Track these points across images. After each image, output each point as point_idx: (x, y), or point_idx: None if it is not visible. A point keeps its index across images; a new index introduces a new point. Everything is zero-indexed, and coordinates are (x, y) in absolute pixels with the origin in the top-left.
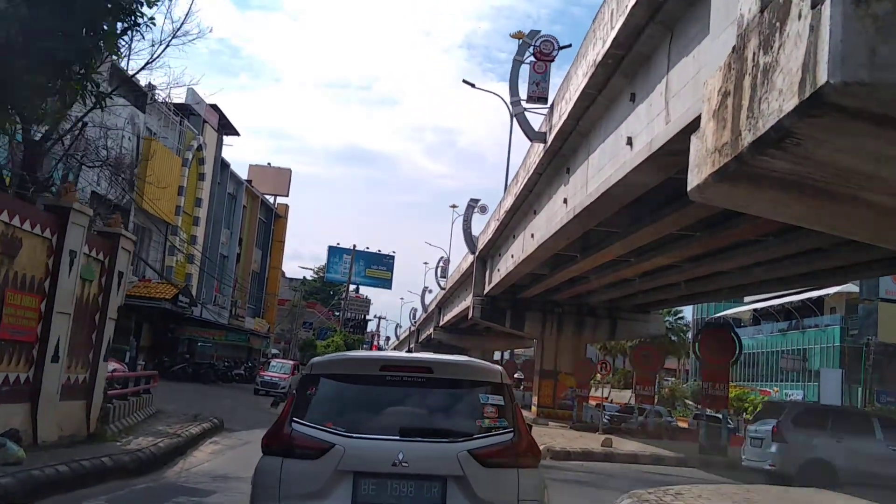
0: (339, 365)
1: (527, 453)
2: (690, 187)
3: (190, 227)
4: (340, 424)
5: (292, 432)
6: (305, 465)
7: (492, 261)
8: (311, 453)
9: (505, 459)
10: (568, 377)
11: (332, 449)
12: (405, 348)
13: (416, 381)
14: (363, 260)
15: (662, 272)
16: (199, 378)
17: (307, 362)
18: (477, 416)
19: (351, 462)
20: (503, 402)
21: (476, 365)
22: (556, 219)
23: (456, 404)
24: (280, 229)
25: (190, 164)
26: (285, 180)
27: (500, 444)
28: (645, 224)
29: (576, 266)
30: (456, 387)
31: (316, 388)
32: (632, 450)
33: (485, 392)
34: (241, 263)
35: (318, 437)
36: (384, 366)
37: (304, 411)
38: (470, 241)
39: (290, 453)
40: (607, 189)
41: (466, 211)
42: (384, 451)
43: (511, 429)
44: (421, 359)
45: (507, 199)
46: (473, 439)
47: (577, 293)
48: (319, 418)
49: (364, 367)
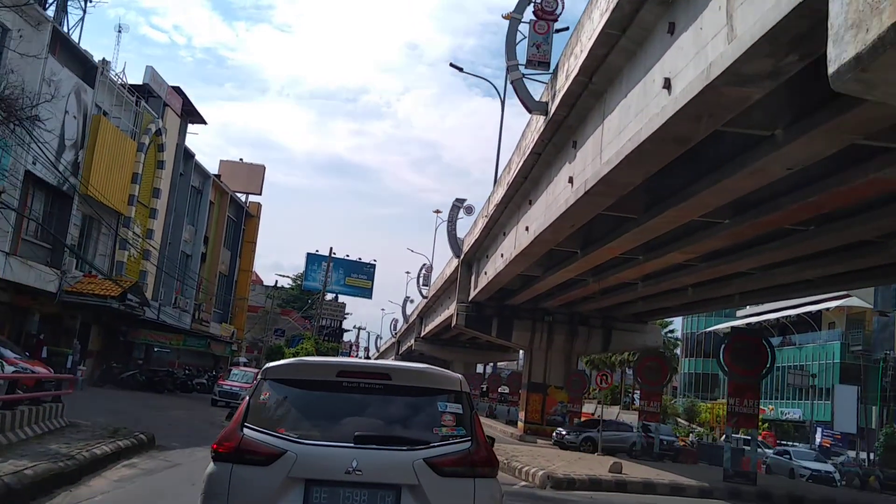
0: (294, 370)
1: (484, 463)
2: (839, 64)
3: (146, 219)
4: (293, 430)
5: (242, 438)
6: (256, 472)
7: (478, 264)
8: (262, 459)
9: (461, 468)
10: (558, 391)
11: (284, 455)
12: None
13: (374, 388)
14: (343, 268)
15: (671, 274)
16: (152, 387)
17: None
18: (434, 425)
19: (302, 469)
20: (461, 411)
21: (435, 373)
22: (558, 203)
23: (414, 412)
24: (252, 229)
25: (147, 150)
26: (258, 177)
27: (456, 453)
28: (667, 206)
29: (574, 265)
30: (414, 394)
31: (269, 393)
32: (646, 477)
33: (443, 400)
34: (207, 264)
35: (269, 442)
36: (341, 371)
37: (256, 417)
38: (454, 244)
39: (240, 459)
40: (633, 149)
41: (451, 211)
42: (337, 459)
43: (469, 437)
44: (379, 365)
45: (496, 192)
46: (430, 448)
47: (570, 299)
48: (271, 424)
49: (320, 373)
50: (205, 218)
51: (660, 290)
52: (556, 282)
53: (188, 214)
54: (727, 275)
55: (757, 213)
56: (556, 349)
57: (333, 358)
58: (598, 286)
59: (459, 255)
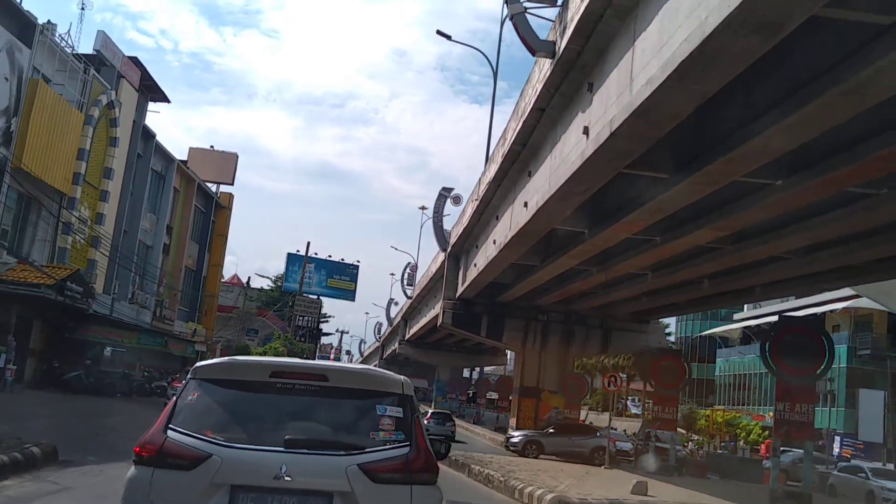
0: (226, 369)
1: (422, 469)
2: None
3: (95, 202)
4: (220, 433)
5: (166, 440)
6: (178, 477)
7: (466, 257)
8: (185, 464)
9: (397, 475)
10: (553, 396)
11: (209, 459)
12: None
13: (310, 390)
14: (325, 269)
15: (689, 262)
16: (102, 390)
17: None
18: (372, 429)
19: (228, 474)
20: (402, 415)
21: (376, 374)
22: (569, 162)
23: (351, 415)
24: (222, 221)
25: (96, 124)
26: (230, 166)
27: (393, 459)
28: (713, 156)
29: (578, 249)
30: (352, 397)
31: (198, 393)
32: (679, 499)
33: (384, 403)
34: (171, 257)
35: (193, 445)
36: (275, 372)
37: (182, 418)
38: (441, 237)
39: (162, 463)
40: (691, 52)
41: (437, 201)
42: (266, 464)
43: (407, 443)
44: (316, 365)
45: (489, 170)
46: (364, 453)
47: (568, 295)
48: (198, 426)
49: (253, 373)
50: (168, 206)
51: (671, 282)
52: (555, 272)
53: (149, 201)
54: (756, 261)
55: (824, 168)
56: (551, 351)
57: (269, 357)
58: (604, 276)
59: (446, 249)
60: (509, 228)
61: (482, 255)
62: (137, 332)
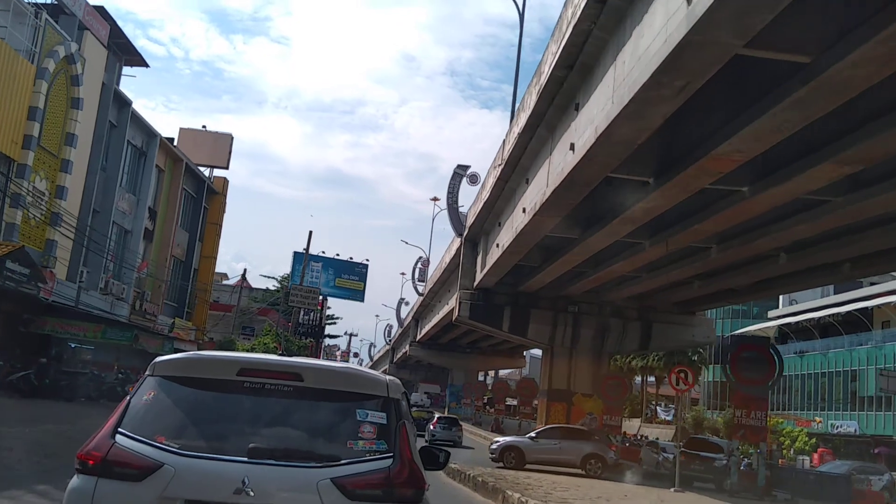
0: (188, 366)
1: (405, 484)
2: None
3: (55, 172)
4: (175, 439)
5: (112, 446)
6: (125, 488)
7: (486, 239)
8: (133, 474)
9: (377, 491)
10: (586, 399)
11: (160, 469)
12: (380, 370)
13: (281, 391)
14: (333, 268)
15: (774, 226)
16: (58, 392)
17: None
18: (350, 437)
19: (181, 487)
20: (385, 421)
21: (357, 374)
22: (647, 58)
23: (326, 421)
24: (216, 208)
25: (52, 80)
26: (225, 148)
27: (372, 473)
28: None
29: (638, 208)
30: (329, 399)
31: (154, 392)
32: None
33: (365, 408)
34: (155, 244)
35: (142, 453)
36: (243, 370)
37: (133, 421)
38: (456, 220)
39: (107, 472)
40: None
41: (452, 181)
42: (225, 476)
43: (390, 454)
44: (289, 363)
45: (517, 120)
46: (340, 465)
47: (602, 282)
48: (151, 431)
49: (218, 371)
50: (150, 186)
51: (740, 256)
52: (598, 246)
53: (127, 179)
54: (860, 222)
55: None
56: (583, 347)
57: (236, 353)
58: (665, 248)
59: (462, 233)
60: (546, 185)
61: (507, 231)
62: (103, 325)
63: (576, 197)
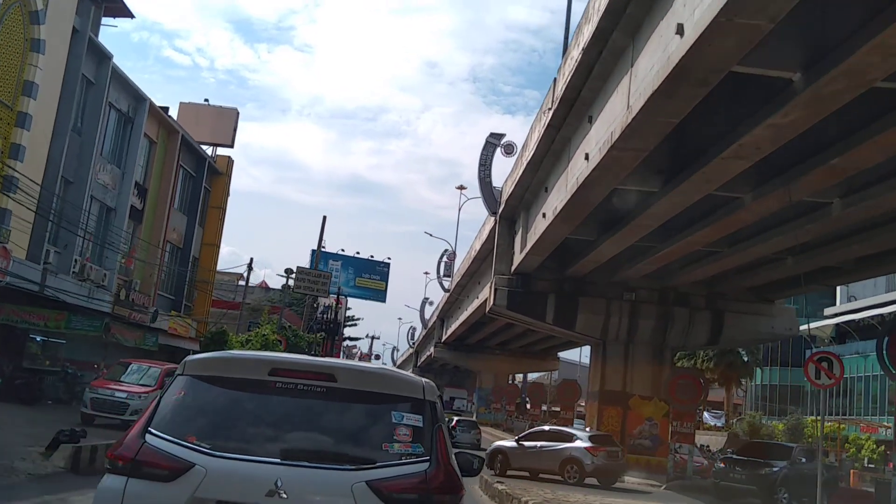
0: (219, 365)
1: (443, 489)
2: None
3: (8, 127)
4: (207, 440)
5: (143, 445)
6: (155, 489)
7: (526, 214)
8: (164, 474)
9: (413, 495)
10: (645, 403)
11: (191, 470)
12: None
13: (314, 391)
14: (353, 267)
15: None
16: (13, 394)
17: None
18: (385, 440)
19: (213, 488)
20: (421, 424)
21: (393, 375)
22: None
23: (361, 423)
24: (219, 191)
25: (3, 14)
26: (229, 125)
27: (408, 476)
28: None
29: (770, 125)
30: (364, 401)
31: (185, 392)
32: None
33: (400, 410)
34: (146, 227)
35: (173, 453)
36: (275, 370)
37: (164, 420)
38: (489, 197)
39: (137, 472)
40: None
41: (484, 151)
42: (258, 477)
43: (427, 457)
44: (323, 363)
45: (572, 51)
46: (375, 468)
47: (666, 261)
48: (182, 430)
49: (250, 371)
50: (138, 158)
51: (871, 214)
52: (683, 203)
53: (109, 148)
54: None
55: None
56: (642, 342)
57: (269, 353)
58: (787, 197)
59: (497, 211)
60: (626, 107)
61: (558, 194)
62: (66, 313)
63: (679, 108)
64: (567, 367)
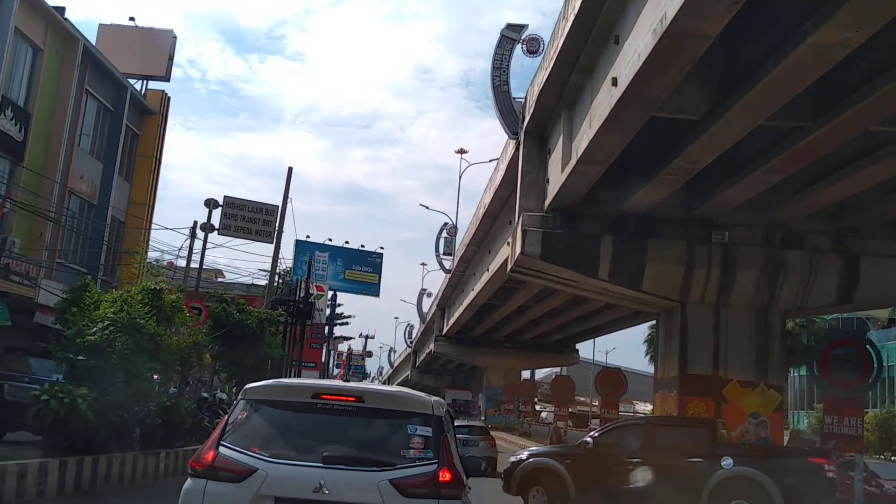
0: (272, 391)
1: (448, 484)
2: None
3: None
4: (265, 449)
5: (217, 455)
6: (228, 489)
7: (568, 119)
8: (234, 476)
9: (425, 490)
10: (747, 392)
11: (255, 473)
12: (401, 376)
13: (346, 410)
14: (342, 258)
15: None
16: None
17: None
18: (403, 447)
19: (272, 487)
20: (431, 434)
21: (407, 396)
22: None
23: (383, 434)
24: (149, 134)
25: None
26: (163, 51)
27: (421, 475)
28: None
29: None
30: (385, 417)
31: (247, 413)
32: None
33: (414, 423)
34: (30, 164)
35: (241, 460)
36: (316, 393)
37: (232, 435)
38: (508, 111)
39: (213, 476)
40: None
41: (498, 50)
42: (306, 478)
43: (436, 460)
44: (352, 388)
45: None
46: (395, 469)
47: (782, 174)
48: (245, 442)
49: (297, 394)
50: (7, 64)
51: None
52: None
53: None
54: None
55: None
56: (739, 303)
57: (310, 380)
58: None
59: (517, 132)
60: None
61: (634, 41)
62: None
63: None
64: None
